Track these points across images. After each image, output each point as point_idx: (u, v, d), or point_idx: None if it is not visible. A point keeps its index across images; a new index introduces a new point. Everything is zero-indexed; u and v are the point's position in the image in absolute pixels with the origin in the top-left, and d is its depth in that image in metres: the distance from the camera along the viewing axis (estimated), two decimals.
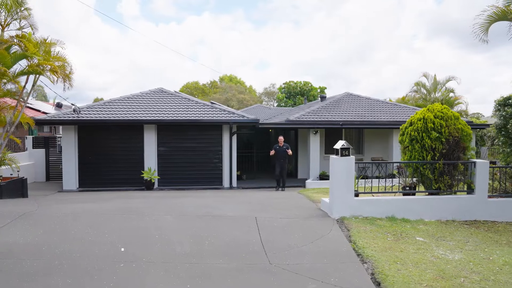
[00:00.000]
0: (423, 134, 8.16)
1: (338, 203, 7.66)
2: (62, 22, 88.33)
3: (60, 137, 16.34)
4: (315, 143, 15.82)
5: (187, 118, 14.27)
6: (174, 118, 14.17)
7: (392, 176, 11.21)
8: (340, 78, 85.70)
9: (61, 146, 14.67)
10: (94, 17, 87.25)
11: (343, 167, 7.65)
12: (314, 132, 15.68)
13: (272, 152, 13.36)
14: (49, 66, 10.68)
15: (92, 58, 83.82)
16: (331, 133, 17.22)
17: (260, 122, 15.22)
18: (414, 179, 8.61)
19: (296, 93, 42.04)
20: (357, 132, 18.31)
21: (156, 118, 14.09)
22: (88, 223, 6.85)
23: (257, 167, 18.18)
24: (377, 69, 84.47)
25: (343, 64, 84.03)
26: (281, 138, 13.39)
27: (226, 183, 14.79)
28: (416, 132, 8.27)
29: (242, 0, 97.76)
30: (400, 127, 9.07)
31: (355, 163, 7.77)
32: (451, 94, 24.37)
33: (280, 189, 13.34)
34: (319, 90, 42.91)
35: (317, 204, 9.24)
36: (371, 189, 8.20)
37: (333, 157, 7.85)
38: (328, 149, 17.40)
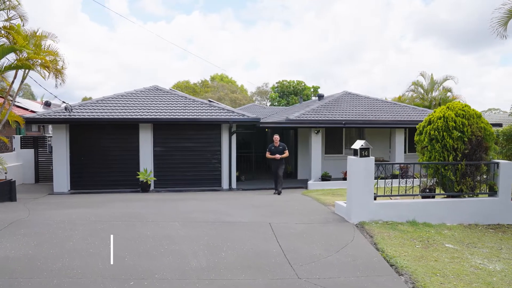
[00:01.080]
0: (444, 134, 7.69)
1: (357, 207, 7.15)
2: (48, 18, 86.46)
3: (50, 136, 15.54)
4: (317, 143, 15.32)
5: (185, 116, 13.63)
6: (172, 116, 13.52)
7: (404, 177, 10.79)
8: (329, 78, 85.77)
9: (51, 146, 13.89)
10: (82, 14, 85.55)
11: (362, 168, 7.14)
12: (316, 132, 15.18)
13: (268, 155, 12.08)
14: (40, 61, 9.95)
15: (79, 56, 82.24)
16: (331, 132, 16.76)
17: (261, 121, 14.65)
18: (432, 181, 8.14)
19: (289, 93, 41.57)
20: (357, 131, 17.88)
21: (153, 116, 13.43)
22: (87, 231, 6.20)
23: (255, 167, 17.63)
24: (366, 69, 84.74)
25: (332, 64, 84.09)
26: (276, 137, 12.11)
27: (225, 184, 14.20)
28: (436, 131, 7.80)
29: (230, 0, 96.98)
30: (417, 126, 8.60)
31: (375, 164, 7.26)
32: (449, 94, 24.12)
33: (276, 192, 11.99)
34: (312, 90, 42.52)
35: (330, 207, 8.73)
36: (391, 192, 7.68)
37: (351, 158, 7.33)
38: (328, 149, 16.97)
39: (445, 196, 7.95)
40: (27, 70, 10.34)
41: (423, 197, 7.97)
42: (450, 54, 78.21)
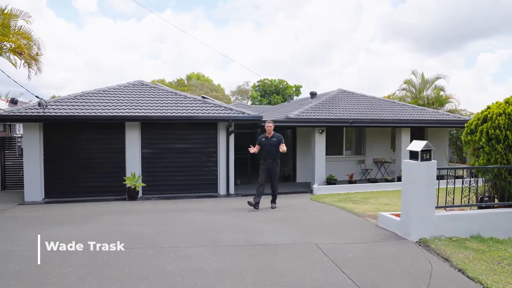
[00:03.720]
0: (507, 132, 6.56)
1: (417, 221, 5.88)
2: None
3: (20, 137, 13.52)
4: (320, 143, 14.07)
5: (179, 114, 12.03)
6: (163, 114, 11.89)
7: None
8: (301, 78, 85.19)
9: (22, 148, 11.93)
10: (46, 9, 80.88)
11: (423, 174, 5.87)
12: (320, 131, 13.93)
13: (253, 149, 8.78)
14: (9, 44, 8.17)
15: (45, 54, 77.53)
16: (330, 132, 15.55)
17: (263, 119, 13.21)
18: (489, 188, 7.00)
19: (271, 92, 40.31)
20: (358, 131, 16.83)
21: (141, 114, 11.74)
22: (84, 268, 4.56)
23: (250, 170, 16.24)
24: (337, 70, 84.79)
25: (304, 64, 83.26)
26: (269, 125, 8.92)
27: (222, 190, 12.70)
28: (497, 130, 6.66)
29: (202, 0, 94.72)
30: (466, 124, 7.46)
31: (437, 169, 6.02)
32: (441, 93, 23.57)
33: (271, 205, 9.03)
34: (294, 89, 41.43)
35: (367, 219, 7.46)
36: (453, 202, 6.44)
37: (409, 162, 6.05)
38: (328, 150, 15.76)
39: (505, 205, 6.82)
40: None
41: (479, 208, 6.82)
42: (417, 57, 79.62)
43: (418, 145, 5.90)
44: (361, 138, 16.91)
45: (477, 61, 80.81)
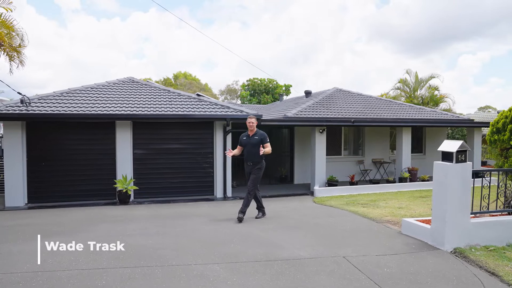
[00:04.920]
0: None
1: (452, 229, 5.30)
2: None
3: (1, 137, 12.55)
4: (321, 143, 13.48)
5: (174, 112, 11.28)
6: (157, 112, 11.13)
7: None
8: (287, 78, 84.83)
9: (2, 149, 11.00)
10: (27, 6, 78.29)
11: (459, 178, 5.30)
12: (320, 131, 13.33)
13: (231, 152, 7.66)
14: None
15: (26, 50, 74.98)
16: (328, 132, 14.94)
17: (263, 118, 12.54)
18: None
19: (260, 91, 39.67)
20: (356, 131, 16.32)
21: (133, 112, 10.95)
22: None
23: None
24: (322, 70, 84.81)
25: (289, 64, 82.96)
26: (251, 121, 7.50)
27: (219, 193, 12.00)
28: None
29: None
30: (491, 122, 6.94)
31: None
32: (436, 92, 23.30)
33: (257, 215, 7.70)
34: (284, 88, 40.91)
35: (387, 225, 6.88)
36: (488, 207, 5.89)
37: (442, 164, 5.46)
38: (327, 149, 15.18)
39: None
40: None
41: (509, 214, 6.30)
42: (400, 58, 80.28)
43: (452, 145, 5.32)
44: (359, 138, 16.41)
45: (458, 62, 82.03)
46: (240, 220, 7.25)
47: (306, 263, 4.66)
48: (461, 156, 5.30)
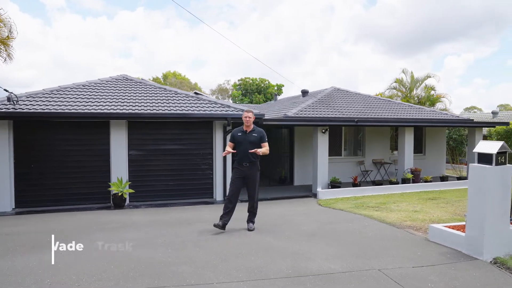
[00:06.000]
0: None
1: (491, 237, 4.86)
2: None
3: None
4: (323, 143, 13.00)
5: (172, 111, 10.68)
6: (154, 111, 10.51)
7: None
8: (275, 78, 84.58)
9: None
10: (11, 4, 76.10)
11: (498, 182, 4.86)
12: (323, 131, 12.86)
13: (226, 153, 6.58)
14: None
15: (13, 44, 72.68)
16: (329, 132, 14.56)
17: (265, 118, 12.00)
18: None
19: (252, 90, 39.14)
20: (357, 131, 15.93)
21: (129, 111, 10.32)
22: None
23: None
24: (309, 71, 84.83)
25: (277, 64, 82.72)
26: (248, 116, 6.57)
27: (219, 195, 11.44)
28: None
29: None
30: None
31: None
32: (432, 92, 23.11)
33: (247, 226, 6.83)
34: (276, 88, 40.45)
35: (409, 230, 6.46)
36: None
37: (479, 166, 5.01)
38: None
39: None
40: None
41: None
42: (387, 59, 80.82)
43: (491, 146, 4.88)
44: (360, 138, 16.03)
45: (444, 63, 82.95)
46: (250, 229, 6.67)
47: (341, 278, 4.15)
48: (501, 158, 4.86)
